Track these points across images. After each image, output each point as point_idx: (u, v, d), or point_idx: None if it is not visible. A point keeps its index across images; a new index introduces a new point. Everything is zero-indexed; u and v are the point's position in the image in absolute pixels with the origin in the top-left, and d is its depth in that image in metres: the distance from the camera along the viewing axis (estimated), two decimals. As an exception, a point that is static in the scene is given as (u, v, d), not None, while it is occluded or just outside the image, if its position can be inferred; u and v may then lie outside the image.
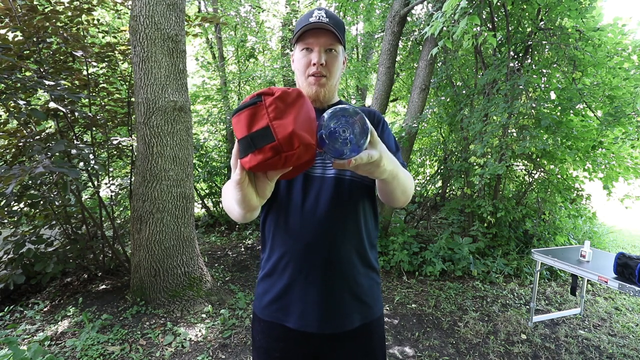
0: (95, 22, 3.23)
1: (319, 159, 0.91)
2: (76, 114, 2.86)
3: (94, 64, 3.21)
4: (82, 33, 3.03)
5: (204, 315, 2.69)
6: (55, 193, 2.97)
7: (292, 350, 0.92)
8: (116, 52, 3.23)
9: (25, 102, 2.52)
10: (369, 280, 0.95)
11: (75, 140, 3.08)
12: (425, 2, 4.44)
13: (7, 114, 2.70)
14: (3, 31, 2.66)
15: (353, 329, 0.91)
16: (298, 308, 0.89)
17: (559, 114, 3.84)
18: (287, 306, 0.90)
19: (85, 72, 3.09)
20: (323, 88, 0.92)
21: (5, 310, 2.68)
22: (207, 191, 5.97)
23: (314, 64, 0.90)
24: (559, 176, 4.20)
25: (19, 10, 2.66)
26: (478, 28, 3.79)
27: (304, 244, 0.88)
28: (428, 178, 5.87)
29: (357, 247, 0.92)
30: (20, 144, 2.80)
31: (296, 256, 0.89)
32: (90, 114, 3.06)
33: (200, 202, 5.90)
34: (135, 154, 2.87)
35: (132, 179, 3.47)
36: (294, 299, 0.90)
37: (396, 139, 1.13)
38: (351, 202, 0.91)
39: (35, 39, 2.72)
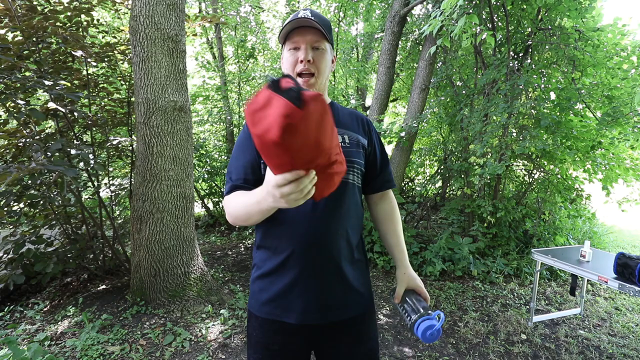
0: (95, 22, 3.22)
1: None
2: (75, 114, 2.86)
3: (94, 64, 3.20)
4: (81, 33, 3.03)
5: (204, 315, 2.69)
6: (55, 193, 2.97)
7: (291, 343, 0.94)
8: (116, 52, 3.22)
9: (24, 102, 2.51)
10: (362, 271, 1.01)
11: (75, 140, 3.08)
12: (425, 2, 4.45)
13: (7, 114, 2.70)
14: (3, 31, 2.65)
15: (351, 317, 0.95)
16: (299, 306, 0.91)
17: (558, 114, 3.84)
18: (288, 305, 0.92)
19: (84, 72, 3.08)
20: (312, 88, 0.92)
21: (5, 310, 2.68)
22: (207, 191, 5.96)
23: (301, 61, 0.90)
24: (559, 176, 4.20)
25: (19, 10, 2.65)
26: (478, 28, 3.79)
27: (303, 245, 0.90)
28: (428, 178, 5.87)
29: (352, 244, 0.97)
30: (20, 144, 2.79)
31: (295, 256, 0.91)
32: (89, 114, 3.06)
33: (200, 202, 5.90)
34: (135, 154, 2.87)
35: (132, 179, 3.46)
36: (295, 297, 0.91)
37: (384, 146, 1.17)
38: (346, 203, 0.94)
39: (34, 39, 2.72)
